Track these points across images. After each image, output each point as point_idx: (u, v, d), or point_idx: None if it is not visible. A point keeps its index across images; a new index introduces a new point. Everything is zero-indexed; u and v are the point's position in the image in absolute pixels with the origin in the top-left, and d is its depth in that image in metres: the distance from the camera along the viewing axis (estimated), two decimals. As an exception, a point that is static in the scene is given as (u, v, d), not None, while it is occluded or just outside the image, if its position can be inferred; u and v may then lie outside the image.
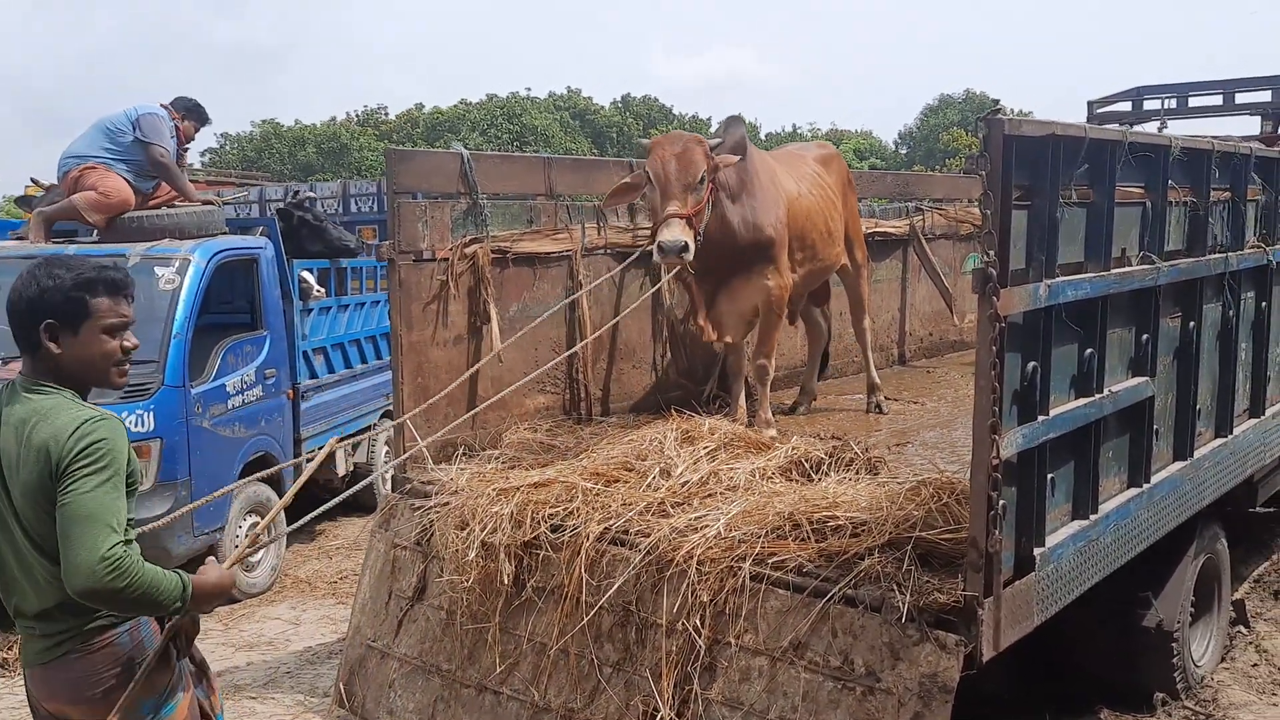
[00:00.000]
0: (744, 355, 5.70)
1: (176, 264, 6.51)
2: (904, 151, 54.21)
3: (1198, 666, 5.04)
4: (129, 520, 2.48)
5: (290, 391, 7.43)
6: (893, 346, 8.50)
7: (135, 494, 2.57)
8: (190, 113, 7.50)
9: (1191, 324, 4.65)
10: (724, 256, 5.17)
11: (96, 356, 2.59)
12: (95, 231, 7.02)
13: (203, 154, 47.13)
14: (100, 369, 2.61)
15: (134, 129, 6.99)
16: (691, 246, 4.75)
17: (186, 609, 2.53)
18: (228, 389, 6.69)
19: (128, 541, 2.43)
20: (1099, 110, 9.67)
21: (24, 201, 8.59)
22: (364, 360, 8.61)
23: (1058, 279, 3.60)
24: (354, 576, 6.44)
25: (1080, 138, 3.64)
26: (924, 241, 8.37)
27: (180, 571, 2.53)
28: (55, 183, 7.24)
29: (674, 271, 5.09)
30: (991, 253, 3.19)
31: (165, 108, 7.32)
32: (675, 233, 4.73)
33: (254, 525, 6.97)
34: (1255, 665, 5.35)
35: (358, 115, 53.98)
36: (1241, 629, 5.72)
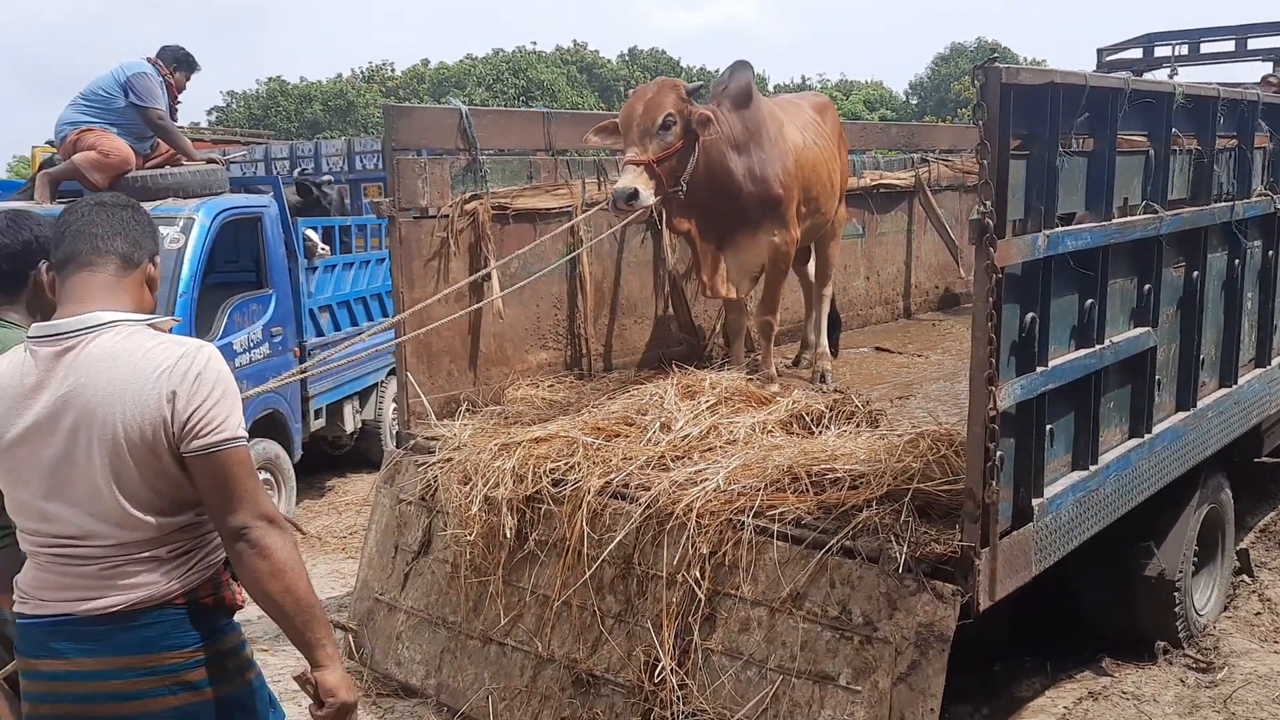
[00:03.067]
0: (745, 313, 5.67)
1: (181, 223, 6.51)
2: (915, 102, 53.64)
3: (1200, 615, 5.06)
4: None
5: (297, 349, 7.46)
6: (898, 299, 8.47)
7: None
8: (180, 63, 7.28)
9: (1195, 274, 4.61)
10: (728, 209, 5.03)
11: None
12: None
13: (209, 112, 47.00)
14: None
15: (126, 93, 6.88)
16: (645, 194, 4.55)
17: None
18: (235, 347, 6.71)
19: None
20: (1109, 58, 9.54)
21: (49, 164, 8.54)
22: (370, 318, 8.63)
23: (1057, 229, 3.58)
24: (363, 532, 6.50)
25: (1080, 86, 3.60)
26: (929, 193, 8.31)
27: None
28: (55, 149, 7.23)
29: (631, 218, 4.87)
30: (989, 203, 3.16)
31: (153, 62, 7.14)
32: (625, 180, 4.56)
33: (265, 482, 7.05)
34: (1258, 614, 5.37)
35: (364, 72, 53.63)
36: (1245, 578, 5.73)
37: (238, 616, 2.37)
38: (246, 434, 2.20)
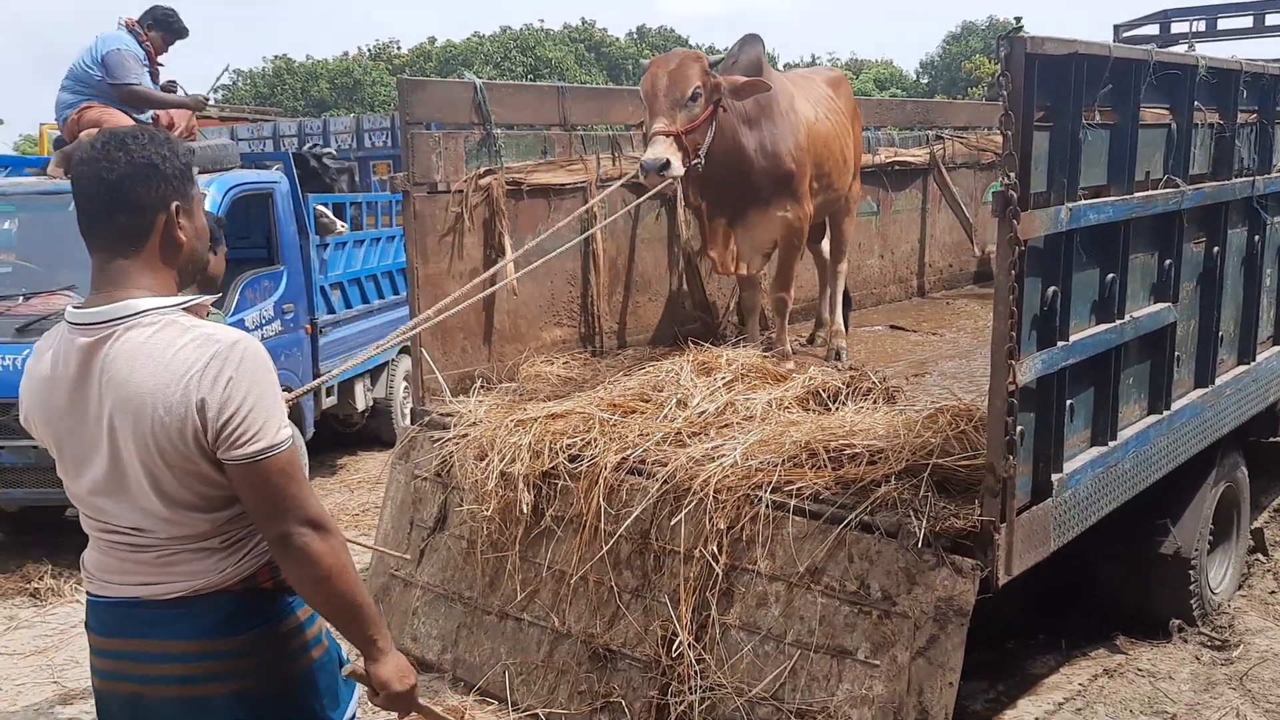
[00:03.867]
0: (759, 290, 5.64)
1: (192, 199, 6.48)
2: (926, 81, 53.30)
3: (1215, 594, 5.05)
4: None
5: (309, 326, 7.45)
6: (912, 278, 8.43)
7: None
8: (157, 23, 7.02)
9: (1216, 249, 4.59)
10: (739, 185, 5.01)
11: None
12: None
13: (215, 90, 46.80)
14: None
15: (102, 70, 6.79)
16: (676, 164, 4.53)
17: None
18: (247, 324, 6.71)
19: None
20: (1125, 34, 9.44)
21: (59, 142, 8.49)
22: (381, 295, 8.61)
23: (1079, 202, 3.54)
24: (375, 509, 6.51)
25: (1104, 57, 3.56)
26: (944, 171, 8.26)
27: None
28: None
29: (658, 188, 4.82)
30: (1012, 175, 3.14)
31: (131, 27, 6.93)
32: (656, 150, 4.52)
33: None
34: (1273, 592, 5.36)
35: (370, 50, 53.41)
36: (1260, 557, 5.72)
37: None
38: (289, 434, 2.07)
